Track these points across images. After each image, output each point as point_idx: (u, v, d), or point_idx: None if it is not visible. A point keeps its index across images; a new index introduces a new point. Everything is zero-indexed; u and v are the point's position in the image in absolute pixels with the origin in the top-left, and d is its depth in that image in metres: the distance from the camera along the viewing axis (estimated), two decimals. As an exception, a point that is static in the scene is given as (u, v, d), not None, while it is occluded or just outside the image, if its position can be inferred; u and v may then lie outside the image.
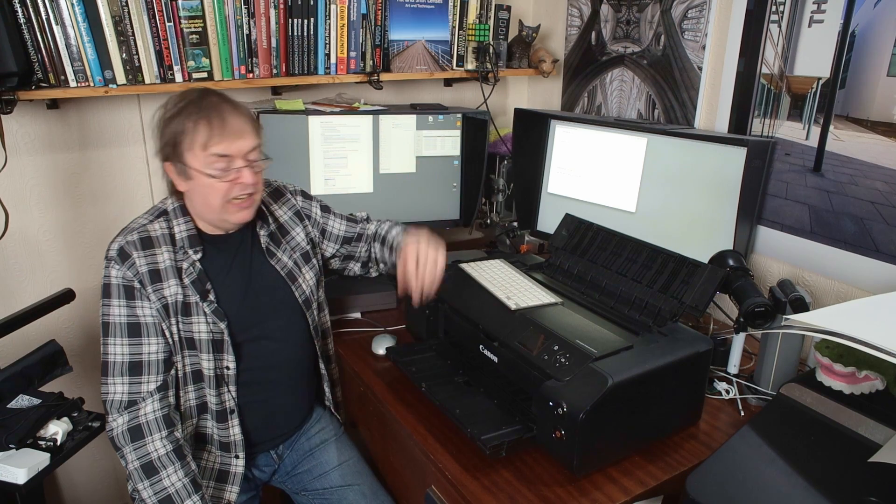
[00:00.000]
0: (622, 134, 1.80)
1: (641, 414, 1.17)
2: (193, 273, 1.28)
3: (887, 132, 1.38)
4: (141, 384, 1.25)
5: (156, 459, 1.23)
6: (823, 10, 1.45)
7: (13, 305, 1.65)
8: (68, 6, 1.47)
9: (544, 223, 2.02)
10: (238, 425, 1.34)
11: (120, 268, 1.24)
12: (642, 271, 1.36)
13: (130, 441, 1.23)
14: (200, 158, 1.22)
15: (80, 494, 1.99)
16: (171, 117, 1.23)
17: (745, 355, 1.50)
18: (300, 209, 1.48)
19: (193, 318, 1.28)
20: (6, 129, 1.59)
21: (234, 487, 1.35)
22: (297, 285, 1.41)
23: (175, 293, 1.26)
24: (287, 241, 1.44)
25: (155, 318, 1.26)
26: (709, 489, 0.95)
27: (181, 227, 1.30)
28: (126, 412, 1.23)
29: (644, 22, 1.89)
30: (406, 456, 1.39)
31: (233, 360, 1.31)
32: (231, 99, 1.26)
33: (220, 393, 1.32)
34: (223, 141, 1.21)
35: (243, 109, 1.27)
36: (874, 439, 1.00)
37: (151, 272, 1.25)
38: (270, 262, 1.39)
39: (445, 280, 1.47)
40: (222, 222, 1.30)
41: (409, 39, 1.97)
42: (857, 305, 1.10)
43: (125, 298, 1.24)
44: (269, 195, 1.46)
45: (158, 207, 1.33)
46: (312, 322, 1.45)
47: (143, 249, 1.25)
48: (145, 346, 1.25)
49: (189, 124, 1.20)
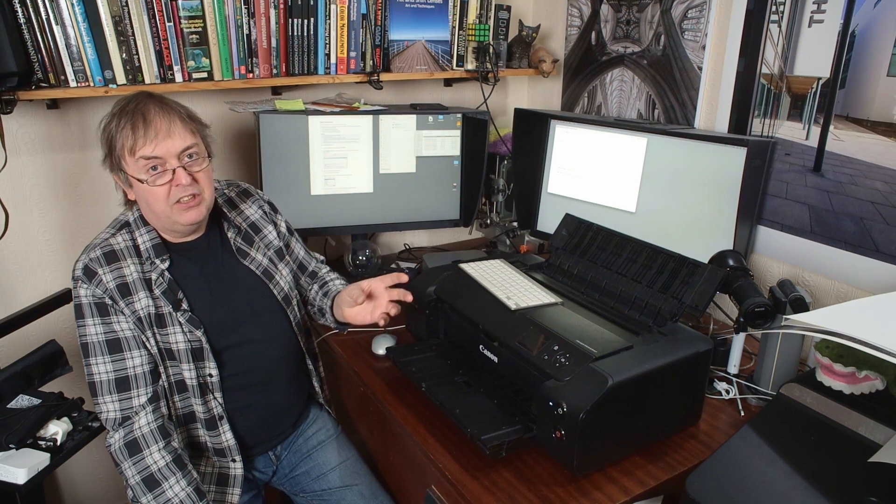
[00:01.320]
0: (622, 134, 1.80)
1: (641, 414, 1.17)
2: (163, 283, 1.26)
3: (887, 132, 1.38)
4: (131, 399, 1.23)
5: (156, 472, 1.21)
6: (823, 10, 1.45)
7: (13, 305, 1.65)
8: (68, 6, 1.46)
9: (544, 223, 2.02)
10: (229, 431, 1.32)
11: (88, 286, 1.21)
12: (642, 271, 1.36)
13: (129, 456, 1.21)
14: (132, 164, 1.19)
15: (80, 494, 1.99)
16: (105, 124, 1.21)
17: (745, 355, 1.50)
18: (268, 212, 1.47)
19: (168, 328, 1.25)
20: (6, 129, 1.59)
21: (236, 490, 1.35)
22: (275, 283, 1.40)
23: (146, 305, 1.23)
24: (260, 238, 1.42)
25: (133, 330, 1.23)
26: (709, 489, 0.95)
27: (144, 237, 1.27)
28: (121, 428, 1.22)
29: (644, 22, 1.89)
30: (406, 456, 1.39)
31: (214, 366, 1.29)
32: (162, 98, 1.23)
33: (207, 401, 1.30)
34: (148, 143, 1.17)
35: (173, 108, 1.22)
36: (874, 439, 1.00)
37: (120, 286, 1.22)
38: (244, 263, 1.37)
39: (445, 279, 1.47)
40: (174, 225, 1.25)
41: (409, 39, 1.97)
42: (857, 305, 1.10)
43: (99, 316, 1.21)
44: (238, 195, 1.45)
45: (119, 220, 1.30)
46: (294, 319, 1.43)
47: (109, 264, 1.22)
48: (129, 360, 1.23)
49: (118, 130, 1.18)
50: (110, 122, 1.21)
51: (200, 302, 1.29)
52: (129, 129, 1.18)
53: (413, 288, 1.51)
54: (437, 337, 1.52)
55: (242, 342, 1.33)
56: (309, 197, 1.88)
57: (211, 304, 1.30)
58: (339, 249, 2.22)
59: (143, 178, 1.19)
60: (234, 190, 1.46)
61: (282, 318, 1.40)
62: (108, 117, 1.22)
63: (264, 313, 1.37)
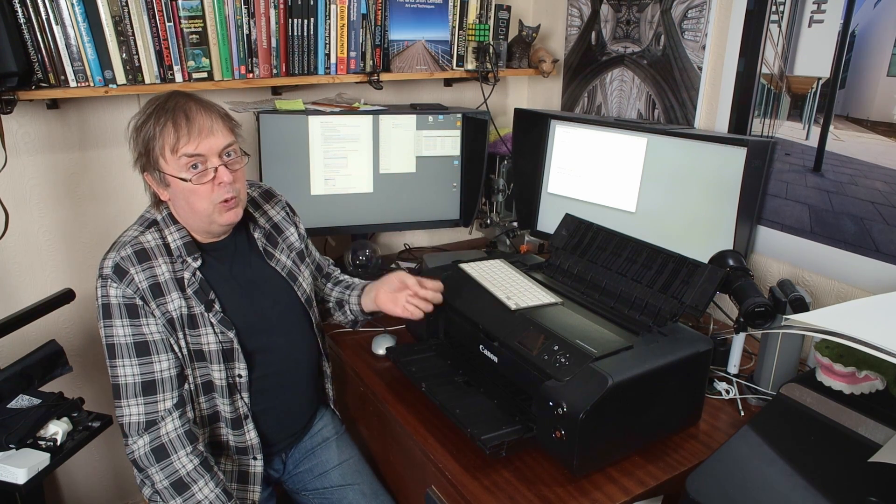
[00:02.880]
0: (622, 134, 1.80)
1: (641, 414, 1.17)
2: (195, 283, 1.24)
3: (887, 132, 1.38)
4: (157, 403, 1.21)
5: (185, 476, 1.21)
6: (823, 10, 1.45)
7: (13, 305, 1.65)
8: (68, 6, 1.46)
9: (544, 223, 2.02)
10: (254, 429, 1.32)
11: (118, 285, 1.18)
12: (642, 271, 1.36)
13: (156, 461, 1.19)
14: (172, 163, 1.17)
15: (80, 494, 1.99)
16: (140, 125, 1.20)
17: (745, 355, 1.50)
18: (289, 213, 1.47)
19: (200, 329, 1.24)
20: (6, 129, 1.59)
21: (257, 487, 1.34)
22: (298, 284, 1.40)
23: (179, 306, 1.22)
24: (282, 240, 1.42)
25: (162, 333, 1.21)
26: (709, 489, 0.95)
27: (174, 235, 1.25)
28: (147, 433, 1.20)
29: (644, 22, 1.89)
30: (406, 456, 1.39)
31: (244, 367, 1.28)
32: (199, 98, 1.22)
33: (234, 401, 1.30)
34: (191, 141, 1.16)
35: (212, 107, 1.22)
36: (874, 439, 1.00)
37: (152, 286, 1.20)
38: (270, 264, 1.37)
39: (445, 279, 1.47)
40: (211, 226, 1.25)
41: (409, 39, 1.97)
42: (857, 305, 1.10)
43: (128, 318, 1.19)
44: (260, 196, 1.45)
45: (147, 217, 1.27)
46: (315, 320, 1.44)
47: (140, 263, 1.20)
48: (156, 363, 1.21)
49: (157, 129, 1.17)
50: (146, 122, 1.19)
51: (232, 303, 1.28)
52: (170, 127, 1.16)
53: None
54: (437, 337, 1.52)
55: (271, 343, 1.33)
56: (309, 197, 1.88)
57: (242, 305, 1.29)
58: (339, 249, 2.22)
59: (187, 177, 1.18)
60: (256, 190, 1.45)
61: (304, 319, 1.41)
62: (143, 117, 1.20)
63: (290, 315, 1.37)
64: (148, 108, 1.20)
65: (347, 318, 1.52)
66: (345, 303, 1.50)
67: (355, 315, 1.50)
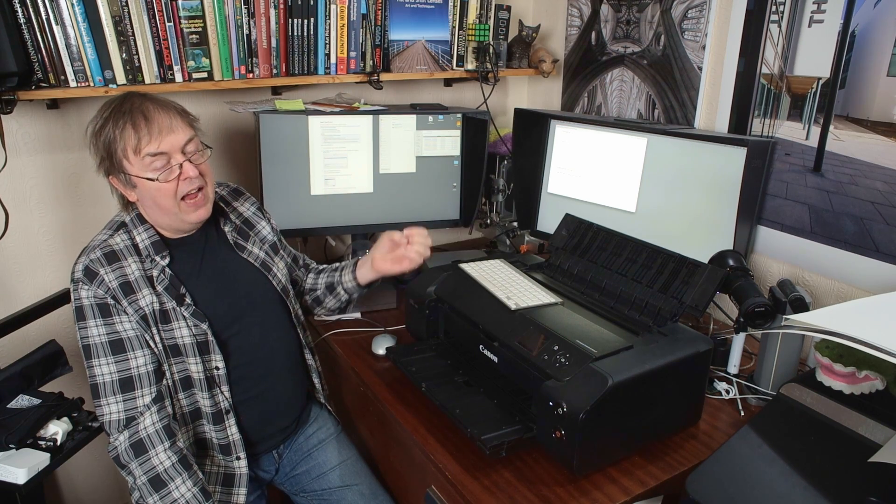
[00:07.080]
0: (622, 134, 1.80)
1: (641, 414, 1.17)
2: (165, 279, 1.26)
3: (887, 132, 1.38)
4: (135, 399, 1.22)
5: (162, 472, 1.21)
6: (823, 10, 1.45)
7: (13, 305, 1.65)
8: (68, 6, 1.46)
9: (544, 223, 2.02)
10: (235, 425, 1.33)
11: (89, 287, 1.21)
12: (642, 271, 1.36)
13: (135, 457, 1.21)
14: (136, 163, 1.20)
15: (80, 494, 1.99)
16: (99, 129, 1.22)
17: (745, 355, 1.50)
18: (260, 209, 1.51)
19: (173, 324, 1.26)
20: (6, 129, 1.59)
21: (242, 489, 1.35)
22: (273, 275, 1.43)
23: (150, 302, 1.24)
24: (254, 233, 1.46)
25: (136, 330, 1.23)
26: (709, 489, 0.95)
27: (142, 235, 1.28)
28: (126, 430, 1.21)
29: (644, 22, 1.89)
30: (406, 456, 1.39)
31: (221, 359, 1.30)
32: (154, 96, 1.24)
33: (214, 395, 1.31)
34: (153, 140, 1.19)
35: (169, 104, 1.25)
36: (874, 439, 1.00)
37: (122, 285, 1.22)
38: (242, 256, 1.39)
39: (445, 279, 1.48)
40: (180, 223, 1.28)
41: (409, 39, 1.97)
42: (857, 305, 1.10)
43: (101, 317, 1.21)
44: (229, 193, 1.49)
45: (115, 221, 1.31)
46: (293, 310, 1.46)
47: (110, 264, 1.23)
48: (132, 360, 1.23)
49: (116, 131, 1.19)
50: (104, 126, 1.21)
51: (203, 295, 1.30)
52: (130, 129, 1.19)
53: (413, 288, 1.52)
54: (437, 337, 1.52)
55: (244, 332, 1.35)
56: (309, 197, 1.88)
57: (213, 296, 1.32)
58: (339, 249, 2.22)
59: (153, 177, 1.20)
60: (225, 189, 1.50)
61: (280, 308, 1.43)
62: (101, 121, 1.22)
63: (264, 304, 1.40)
64: (104, 112, 1.22)
65: (340, 299, 1.55)
66: (336, 284, 1.54)
67: (350, 292, 1.54)
